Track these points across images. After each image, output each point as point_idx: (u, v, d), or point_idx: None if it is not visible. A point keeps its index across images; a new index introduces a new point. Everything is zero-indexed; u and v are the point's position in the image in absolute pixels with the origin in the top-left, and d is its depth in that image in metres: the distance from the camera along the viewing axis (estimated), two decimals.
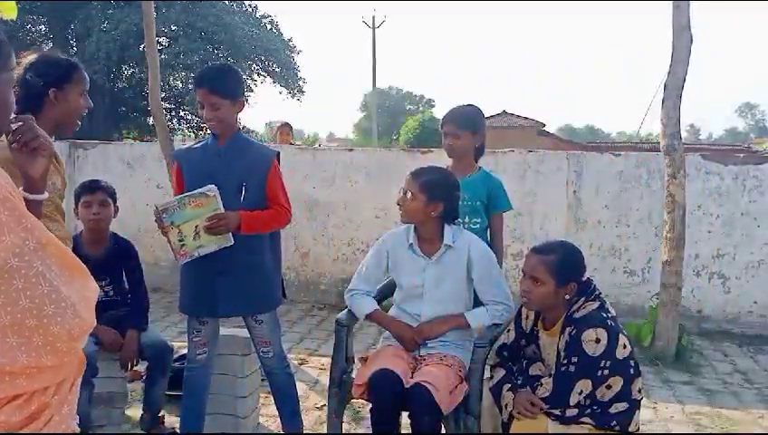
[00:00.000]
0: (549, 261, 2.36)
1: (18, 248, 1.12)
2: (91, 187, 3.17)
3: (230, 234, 2.65)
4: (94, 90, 19.51)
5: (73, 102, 2.21)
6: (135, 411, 3.38)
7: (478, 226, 3.08)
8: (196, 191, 2.62)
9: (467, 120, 3.13)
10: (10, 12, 3.69)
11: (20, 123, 1.52)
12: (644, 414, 3.13)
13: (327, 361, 3.31)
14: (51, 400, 1.17)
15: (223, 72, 2.79)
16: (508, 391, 2.40)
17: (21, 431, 1.12)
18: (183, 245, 2.64)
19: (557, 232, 5.47)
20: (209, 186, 2.61)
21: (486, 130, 3.23)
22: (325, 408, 3.07)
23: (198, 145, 2.90)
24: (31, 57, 2.20)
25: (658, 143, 4.76)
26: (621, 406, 2.28)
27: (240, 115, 2.90)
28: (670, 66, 4.53)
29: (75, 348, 1.20)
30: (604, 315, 2.29)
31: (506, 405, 2.38)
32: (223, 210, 2.61)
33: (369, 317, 2.83)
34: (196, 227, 2.62)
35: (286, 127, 7.87)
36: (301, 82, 24.23)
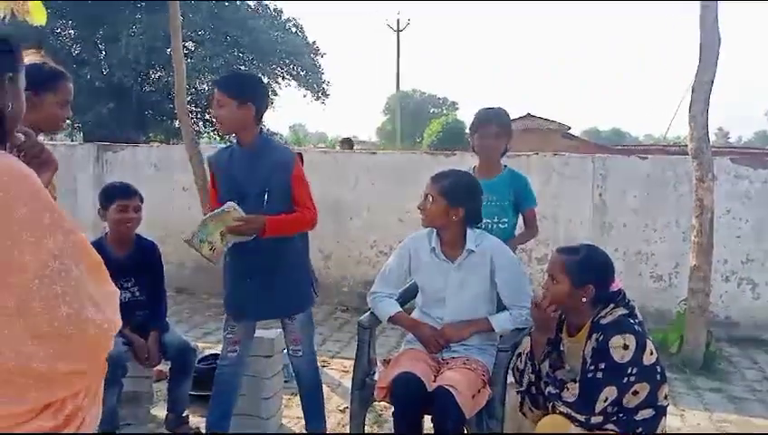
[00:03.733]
0: (567, 260, 2.35)
1: (59, 251, 1.11)
2: (128, 191, 3.22)
3: None
4: (122, 93, 19.61)
5: (49, 110, 2.24)
6: (160, 411, 3.42)
7: (506, 225, 3.09)
8: (216, 211, 2.67)
9: (501, 121, 3.20)
10: (39, 17, 3.77)
11: (24, 136, 1.46)
12: (671, 421, 3.09)
13: (349, 363, 3.32)
14: (82, 403, 1.17)
15: (236, 75, 2.89)
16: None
17: (58, 434, 1.13)
18: (213, 250, 2.68)
19: (582, 236, 5.41)
20: (228, 203, 2.66)
21: (512, 132, 3.27)
22: (348, 410, 3.08)
23: (227, 150, 2.93)
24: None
25: (686, 146, 4.68)
26: (647, 413, 2.25)
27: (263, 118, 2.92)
28: (698, 68, 4.46)
29: (108, 349, 1.21)
30: (632, 321, 2.26)
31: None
32: (244, 214, 2.65)
33: (392, 320, 2.83)
34: (221, 232, 2.67)
35: None
36: (325, 85, 24.35)
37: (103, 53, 20.98)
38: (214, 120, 2.82)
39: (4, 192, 1.09)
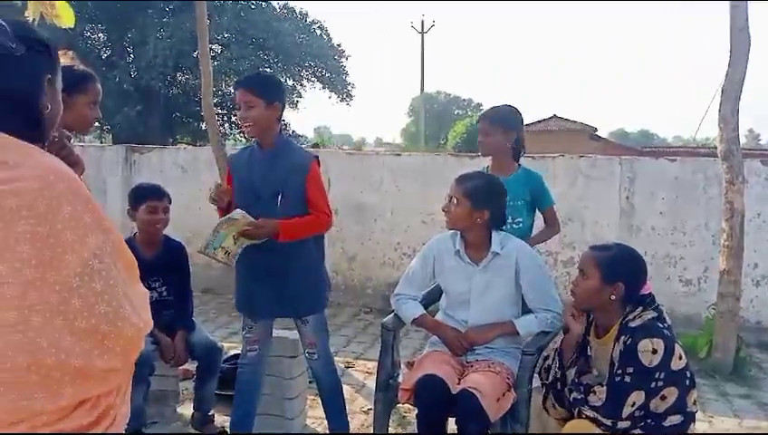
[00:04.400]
0: (598, 256, 2.34)
1: (99, 250, 1.13)
2: (158, 192, 3.27)
3: None
4: (150, 96, 19.90)
5: (80, 111, 2.30)
6: (186, 409, 3.46)
7: (521, 225, 3.05)
8: (224, 218, 2.69)
9: (499, 117, 3.16)
10: (68, 20, 3.85)
11: (55, 137, 1.49)
12: (699, 428, 3.04)
13: (373, 365, 3.33)
14: (114, 401, 1.19)
15: (260, 75, 2.90)
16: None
17: (90, 432, 1.14)
18: (228, 254, 2.71)
19: (609, 239, 5.34)
20: (236, 211, 2.68)
21: (523, 129, 3.23)
22: (371, 412, 3.08)
23: (246, 151, 2.94)
24: None
25: (716, 148, 4.61)
26: (676, 419, 2.22)
27: (288, 120, 2.94)
28: (728, 68, 4.38)
29: (141, 349, 1.22)
30: (660, 326, 2.23)
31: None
32: (254, 221, 2.66)
33: (415, 322, 2.83)
34: (233, 236, 2.68)
35: None
36: (349, 87, 24.45)
37: (131, 56, 21.30)
38: (241, 122, 2.80)
39: (49, 190, 1.11)
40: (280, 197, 2.72)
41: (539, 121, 23.72)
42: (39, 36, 1.28)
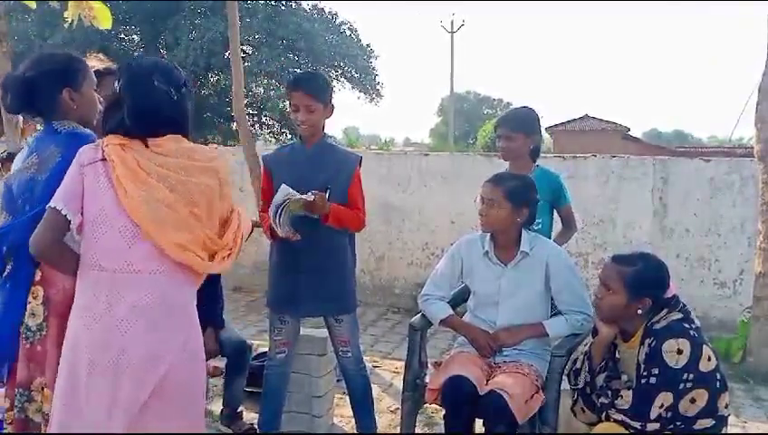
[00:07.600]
0: (625, 272, 2.28)
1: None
2: None
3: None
4: None
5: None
6: (215, 406, 3.50)
7: (540, 226, 3.03)
8: (279, 200, 2.61)
9: (521, 122, 3.17)
10: (105, 22, 3.95)
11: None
12: (732, 432, 2.98)
13: (400, 364, 3.33)
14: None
15: (318, 77, 2.97)
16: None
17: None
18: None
19: (641, 240, 5.27)
20: (282, 186, 2.62)
21: (540, 131, 3.24)
22: (399, 411, 3.09)
23: (285, 149, 2.97)
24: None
25: (752, 148, 4.51)
26: (707, 422, 2.18)
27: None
28: (765, 67, 4.30)
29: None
30: (686, 326, 2.19)
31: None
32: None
33: (443, 322, 2.82)
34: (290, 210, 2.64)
35: None
36: (378, 87, 24.44)
37: (164, 57, 21.65)
38: (299, 124, 2.79)
39: (223, 170, 2.04)
40: (329, 192, 2.75)
41: (571, 121, 23.44)
42: (184, 80, 2.03)
